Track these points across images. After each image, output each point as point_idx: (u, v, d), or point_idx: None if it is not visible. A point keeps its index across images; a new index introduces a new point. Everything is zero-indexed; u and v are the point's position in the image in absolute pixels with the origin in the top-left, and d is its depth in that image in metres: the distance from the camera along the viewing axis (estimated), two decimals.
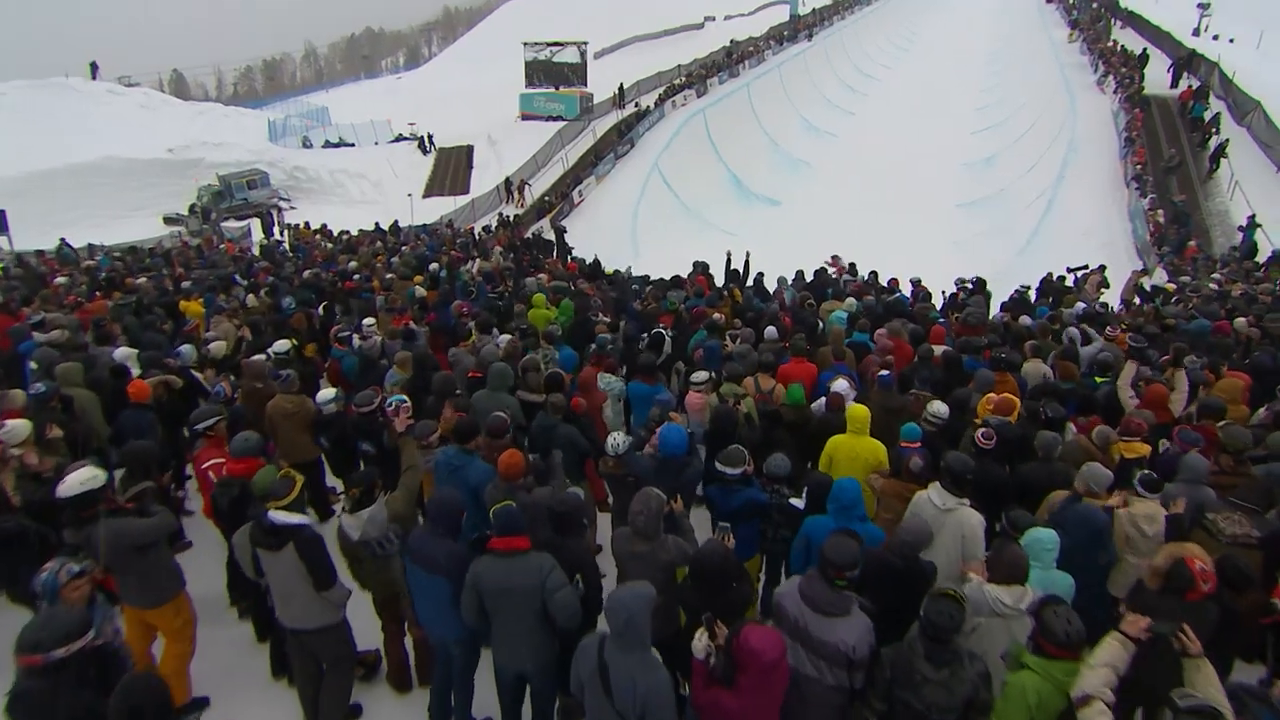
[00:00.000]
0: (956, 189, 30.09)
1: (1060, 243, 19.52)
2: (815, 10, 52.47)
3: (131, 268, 13.44)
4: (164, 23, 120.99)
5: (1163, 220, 17.34)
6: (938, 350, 6.86)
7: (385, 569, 3.70)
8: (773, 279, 13.33)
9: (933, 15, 63.07)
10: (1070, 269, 12.96)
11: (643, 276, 12.34)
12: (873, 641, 2.87)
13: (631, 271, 12.11)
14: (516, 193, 27.44)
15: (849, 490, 3.68)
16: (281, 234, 24.84)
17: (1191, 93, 22.62)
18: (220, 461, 4.30)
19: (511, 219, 24.46)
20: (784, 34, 46.24)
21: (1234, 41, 27.12)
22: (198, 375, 5.95)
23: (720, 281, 11.53)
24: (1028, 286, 13.14)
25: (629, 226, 26.56)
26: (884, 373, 5.67)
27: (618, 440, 4.33)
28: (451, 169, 32.68)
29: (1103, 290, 13.72)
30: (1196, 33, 31.05)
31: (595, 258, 12.71)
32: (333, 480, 5.93)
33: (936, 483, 3.92)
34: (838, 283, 10.91)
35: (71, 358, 5.96)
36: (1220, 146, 19.34)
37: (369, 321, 7.85)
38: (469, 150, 33.67)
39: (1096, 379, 6.43)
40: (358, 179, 32.94)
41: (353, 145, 36.44)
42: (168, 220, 27.22)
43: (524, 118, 34.95)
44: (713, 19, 57.28)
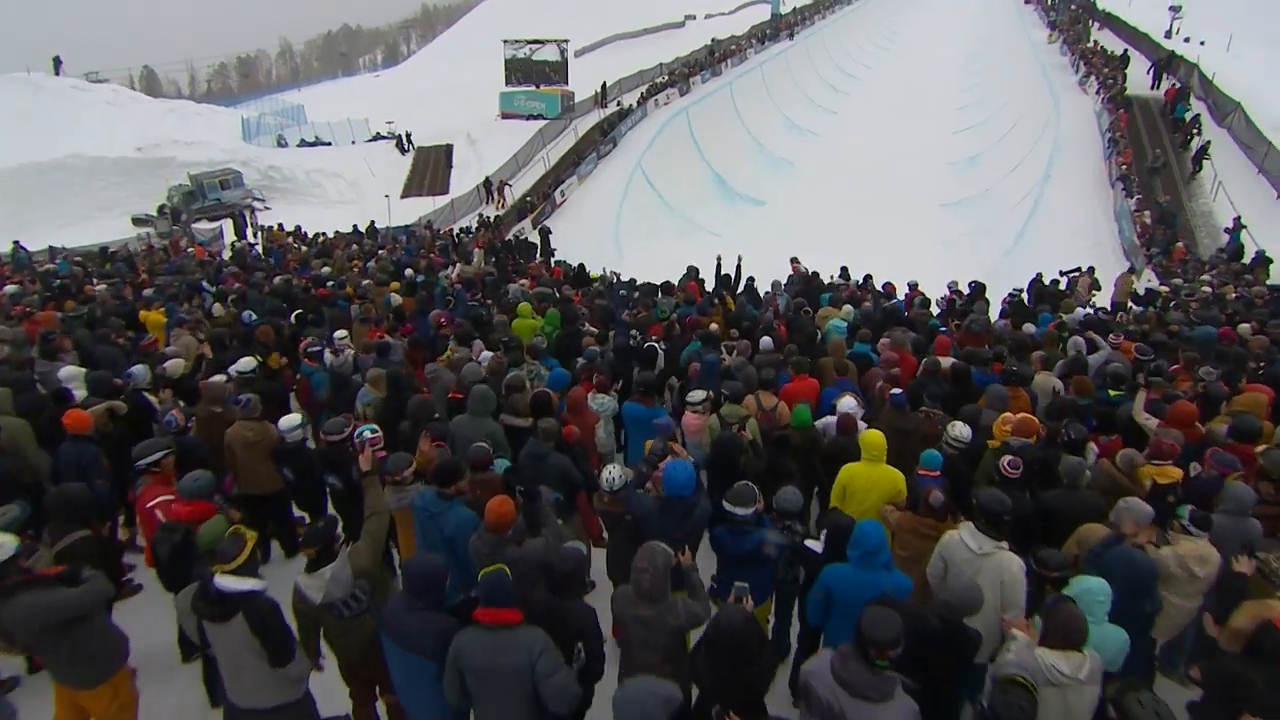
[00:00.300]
0: (940, 188, 30.05)
1: (1047, 243, 19.43)
2: (797, 9, 52.41)
3: (91, 274, 12.78)
4: (134, 17, 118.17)
5: (1149, 221, 17.26)
6: (944, 362, 6.54)
7: (354, 630, 3.25)
8: (761, 281, 12.99)
9: (912, 15, 63.38)
10: (1063, 272, 12.74)
11: (629, 281, 11.92)
12: None
13: (617, 276, 11.64)
14: (497, 193, 26.88)
15: (873, 535, 3.30)
16: (255, 236, 24.09)
17: (1174, 92, 22.66)
18: (169, 498, 3.82)
19: (493, 220, 23.90)
20: (766, 33, 46.05)
21: (1204, 44, 27.29)
22: (151, 398, 5.43)
23: (711, 286, 11.12)
24: (1020, 290, 12.95)
25: (612, 227, 26.14)
26: (896, 391, 5.31)
27: (613, 475, 3.92)
28: (430, 168, 32.03)
29: (1094, 293, 13.56)
30: (1169, 35, 31.27)
31: (580, 263, 12.23)
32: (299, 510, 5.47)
33: (969, 523, 3.56)
34: (835, 287, 10.54)
35: (8, 378, 5.42)
36: (1203, 147, 19.34)
37: (341, 334, 7.36)
38: (448, 149, 33.03)
39: (1110, 392, 6.14)
40: (334, 179, 32.19)
41: (329, 144, 35.66)
42: (136, 221, 26.32)
43: (504, 116, 34.37)
44: (693, 18, 57.20)
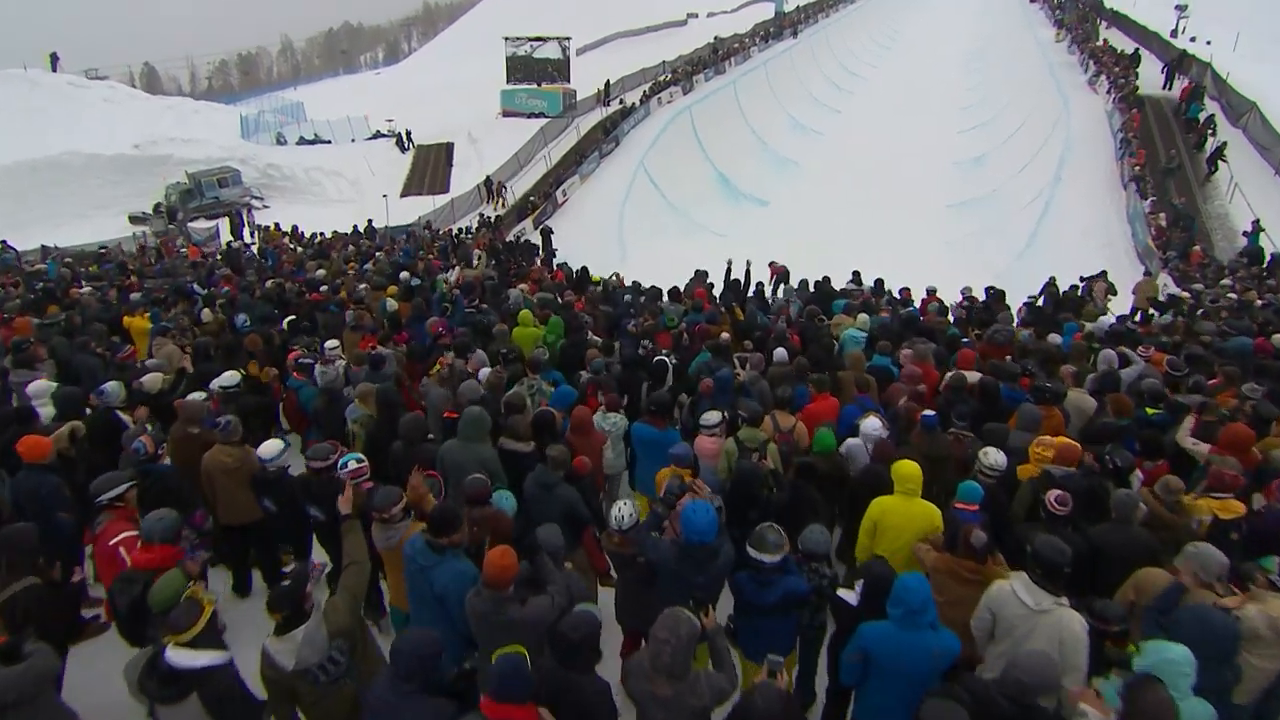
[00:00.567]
0: (947, 188, 29.64)
1: (1059, 246, 19.03)
2: (800, 7, 51.97)
3: (80, 275, 12.41)
4: (135, 15, 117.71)
5: (1164, 223, 16.87)
6: (970, 377, 6.16)
7: (332, 696, 2.89)
8: (768, 284, 12.53)
9: (913, 14, 62.93)
10: (1084, 278, 12.31)
11: (634, 285, 11.51)
12: None
13: (620, 278, 11.22)
14: (495, 194, 26.45)
15: (918, 592, 2.92)
16: (252, 235, 23.73)
17: (1189, 91, 22.24)
18: (133, 535, 3.44)
19: (493, 220, 23.51)
20: (770, 31, 45.62)
21: (1211, 44, 26.89)
22: (125, 417, 5.06)
23: (721, 291, 10.70)
24: (1035, 296, 12.53)
25: (615, 227, 25.76)
26: (929, 414, 4.91)
27: (623, 513, 3.55)
28: (430, 167, 31.65)
29: (1110, 298, 13.17)
30: (1174, 34, 30.87)
31: (583, 267, 11.82)
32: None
33: (1022, 574, 3.19)
34: (848, 293, 10.14)
35: None
36: (1219, 149, 18.93)
37: (332, 344, 6.97)
38: (448, 148, 32.65)
39: (1148, 410, 5.77)
40: (334, 177, 31.86)
41: (328, 142, 35.36)
42: (133, 219, 26.04)
43: (505, 114, 33.99)
44: (696, 16, 56.96)
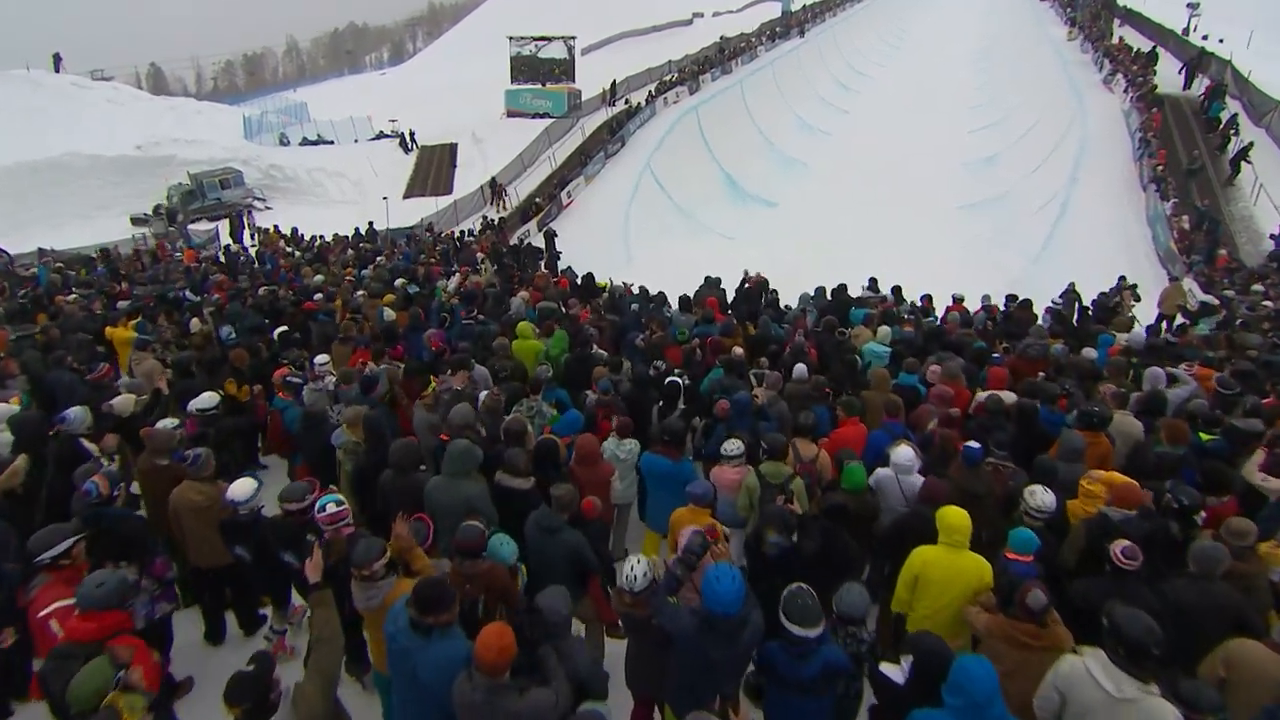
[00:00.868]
0: (957, 189, 29.10)
1: (1076, 249, 18.51)
2: (806, 7, 51.47)
3: (69, 281, 12.04)
4: (140, 16, 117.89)
5: (1187, 226, 16.34)
6: (1005, 398, 5.71)
7: None
8: (776, 287, 11.85)
9: (922, 13, 62.34)
10: (1127, 285, 11.73)
11: (641, 291, 11.03)
12: None
13: (627, 286, 10.74)
14: (496, 197, 25.98)
15: (983, 682, 2.47)
16: (252, 238, 23.39)
17: (1210, 90, 21.67)
18: (67, 604, 3.02)
19: (496, 222, 23.11)
20: (776, 30, 45.15)
21: (1223, 42, 26.33)
22: (91, 447, 4.65)
23: (733, 300, 10.19)
24: (1057, 301, 12.03)
25: (621, 229, 25.32)
26: (973, 445, 4.45)
27: (635, 572, 3.11)
28: (434, 168, 31.31)
29: (1134, 304, 12.68)
30: (1186, 32, 30.37)
31: (589, 273, 11.35)
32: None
33: (1098, 652, 2.74)
34: (865, 302, 9.66)
35: None
36: (1243, 149, 18.38)
37: (322, 359, 6.56)
38: (452, 148, 32.30)
39: (1201, 435, 5.30)
40: (336, 178, 31.60)
41: (332, 143, 35.09)
42: (135, 221, 25.84)
43: (510, 115, 33.62)
44: (701, 16, 56.68)
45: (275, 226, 21.98)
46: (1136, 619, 2.69)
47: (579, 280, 11.55)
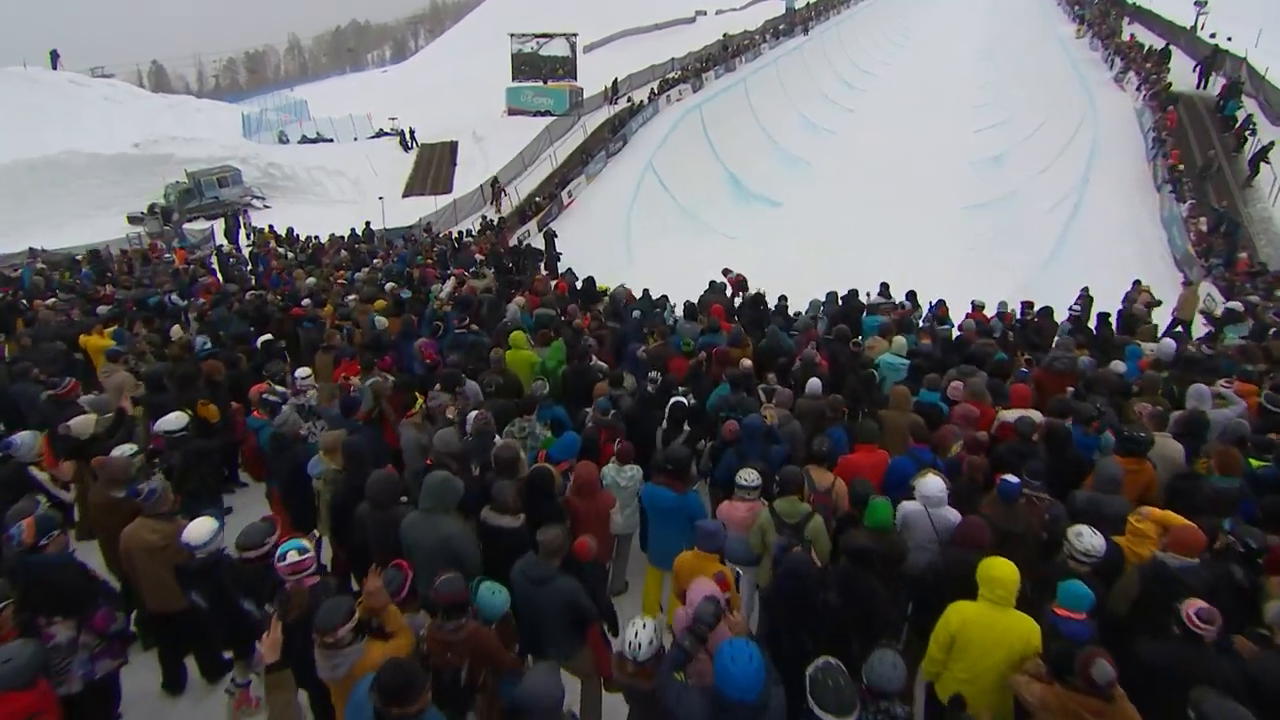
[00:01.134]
0: (963, 189, 28.66)
1: (1088, 252, 18.06)
2: (810, 4, 50.95)
3: (52, 284, 11.65)
4: (142, 13, 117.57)
5: (1205, 228, 15.87)
6: (1034, 416, 5.28)
7: None
8: (777, 290, 11.29)
9: (926, 10, 61.84)
10: (1144, 289, 11.26)
11: (644, 294, 10.59)
12: None
13: (628, 293, 10.31)
14: (494, 198, 25.49)
15: None
16: (248, 237, 23.02)
17: (1226, 88, 21.16)
18: None
19: (496, 222, 22.68)
20: (780, 28, 44.65)
21: (1231, 40, 25.82)
22: (41, 476, 4.25)
23: (738, 306, 9.73)
24: (1075, 307, 11.54)
25: (622, 229, 24.90)
26: (1009, 479, 4.02)
27: (639, 638, 2.71)
28: (434, 167, 30.91)
29: (1152, 309, 12.22)
30: (1192, 30, 29.83)
31: (589, 277, 10.91)
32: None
33: None
34: (876, 308, 9.19)
35: None
36: (1263, 149, 17.89)
37: (303, 373, 6.16)
38: (452, 146, 31.89)
39: (1252, 462, 4.88)
40: (336, 176, 31.27)
41: (331, 141, 34.72)
42: (132, 220, 25.62)
43: (511, 112, 33.20)
44: (704, 13, 56.22)
45: (270, 226, 21.59)
46: (1231, 714, 2.27)
47: (579, 284, 11.09)
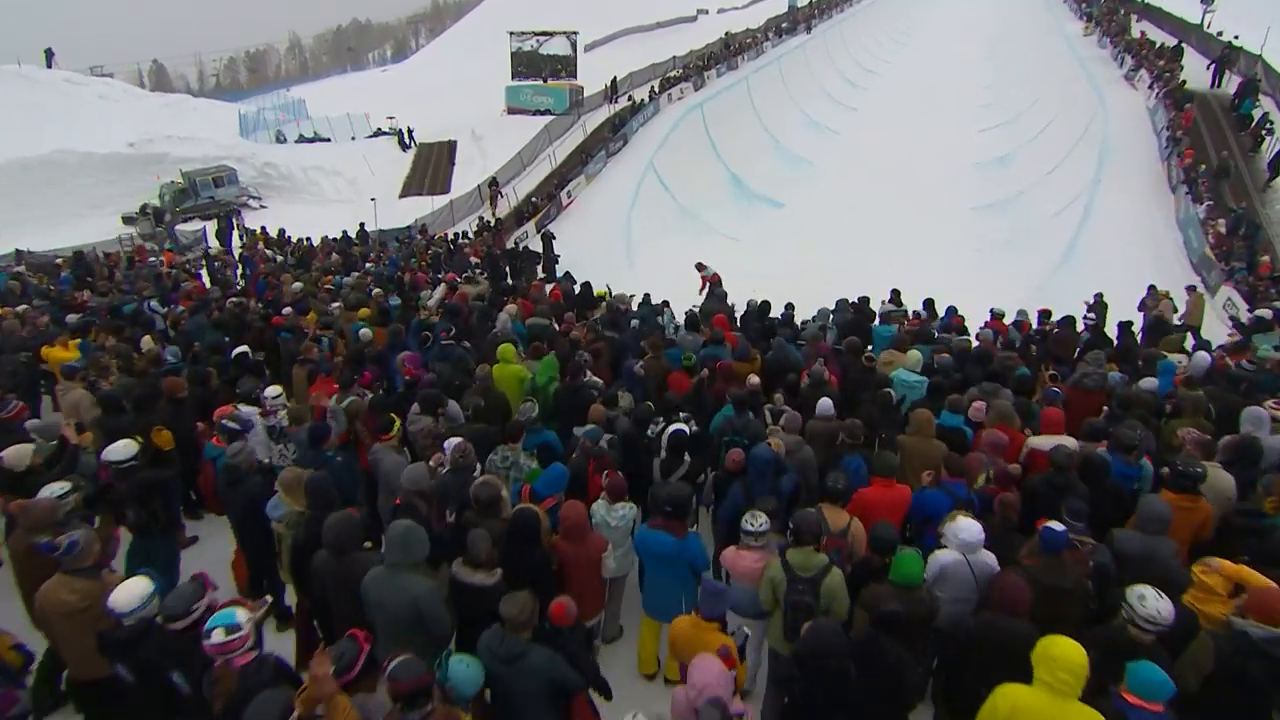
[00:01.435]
0: (969, 190, 28.17)
1: (1101, 256, 17.55)
2: (813, 2, 50.42)
3: (28, 290, 11.20)
4: (143, 12, 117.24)
5: (1224, 231, 15.37)
6: (1068, 444, 4.81)
7: None
8: (783, 294, 10.71)
9: (930, 8, 61.22)
10: (1163, 294, 10.74)
11: (644, 302, 10.11)
12: None
13: (625, 302, 9.82)
14: (490, 200, 24.94)
15: None
16: (241, 239, 22.60)
17: (1242, 86, 20.63)
18: None
19: (493, 224, 22.21)
20: (782, 26, 44.14)
21: (1239, 39, 25.29)
22: None
23: (742, 315, 9.20)
24: (1091, 316, 10.87)
25: (622, 230, 24.42)
26: (1054, 528, 3.53)
27: None
28: (432, 166, 30.50)
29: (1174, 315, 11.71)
30: (1203, 28, 29.29)
31: (586, 283, 10.39)
32: None
33: None
34: (889, 317, 8.67)
35: None
36: None
37: (272, 392, 5.69)
38: (451, 146, 31.47)
39: None
40: (332, 176, 30.92)
41: (328, 140, 34.33)
42: (126, 220, 25.27)
43: (510, 112, 32.75)
44: (706, 12, 55.73)
45: (263, 228, 21.13)
46: None
47: (576, 289, 10.58)
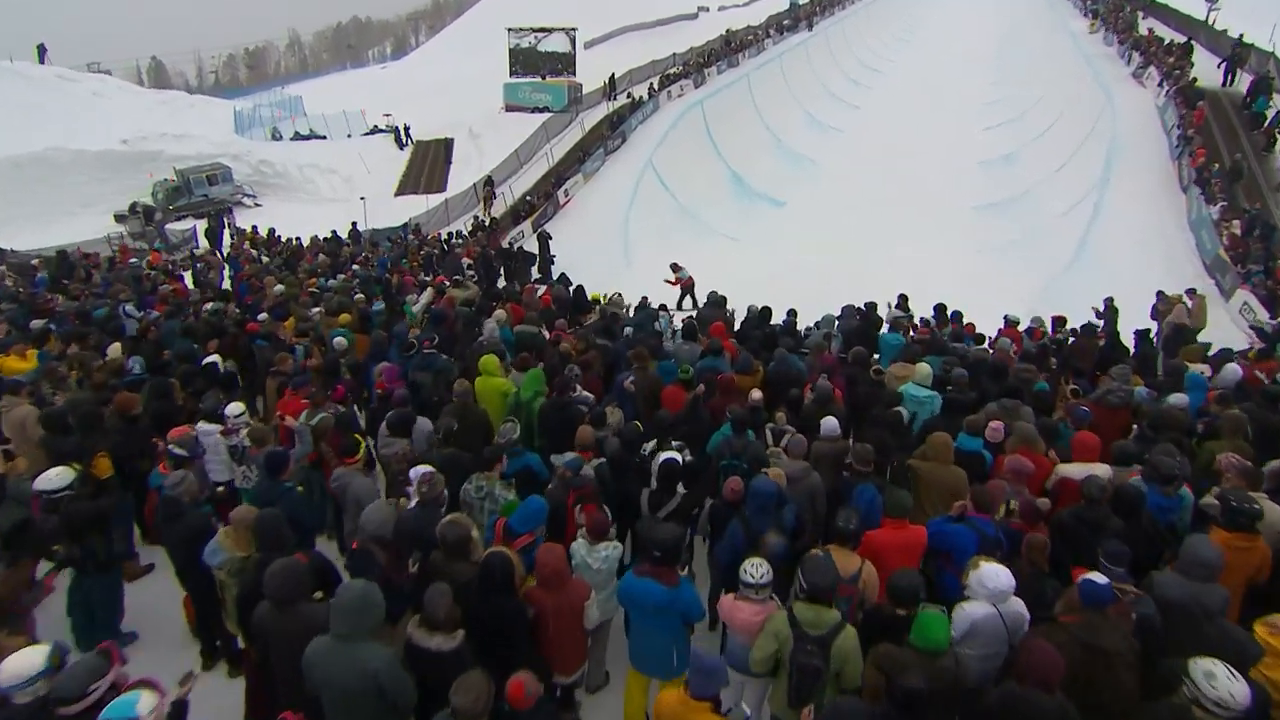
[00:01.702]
0: (974, 190, 27.76)
1: (1110, 257, 17.13)
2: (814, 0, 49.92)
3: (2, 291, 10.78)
4: (142, 9, 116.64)
5: (1239, 232, 14.92)
6: (1101, 473, 4.38)
7: None
8: (783, 293, 10.27)
9: (931, 7, 60.74)
10: (1177, 298, 10.30)
11: (641, 306, 9.67)
12: None
13: (623, 306, 9.36)
14: (484, 199, 24.41)
15: None
16: (233, 238, 22.18)
17: (1254, 84, 20.16)
18: None
19: (488, 223, 21.75)
20: (784, 23, 43.65)
21: (1244, 36, 24.83)
22: None
23: (741, 321, 8.76)
24: (1095, 324, 10.15)
25: (620, 230, 24.00)
26: (1096, 580, 3.09)
27: None
28: (428, 164, 30.05)
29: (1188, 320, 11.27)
30: (1210, 25, 28.84)
31: (579, 287, 9.92)
32: None
33: None
34: (897, 325, 8.21)
35: None
36: None
37: (235, 409, 5.26)
38: (448, 144, 31.01)
39: None
40: (328, 174, 30.49)
41: (324, 138, 33.86)
42: (119, 218, 24.90)
43: (508, 109, 32.27)
44: (706, 9, 55.17)
45: (253, 227, 20.69)
46: None
47: (570, 292, 10.12)
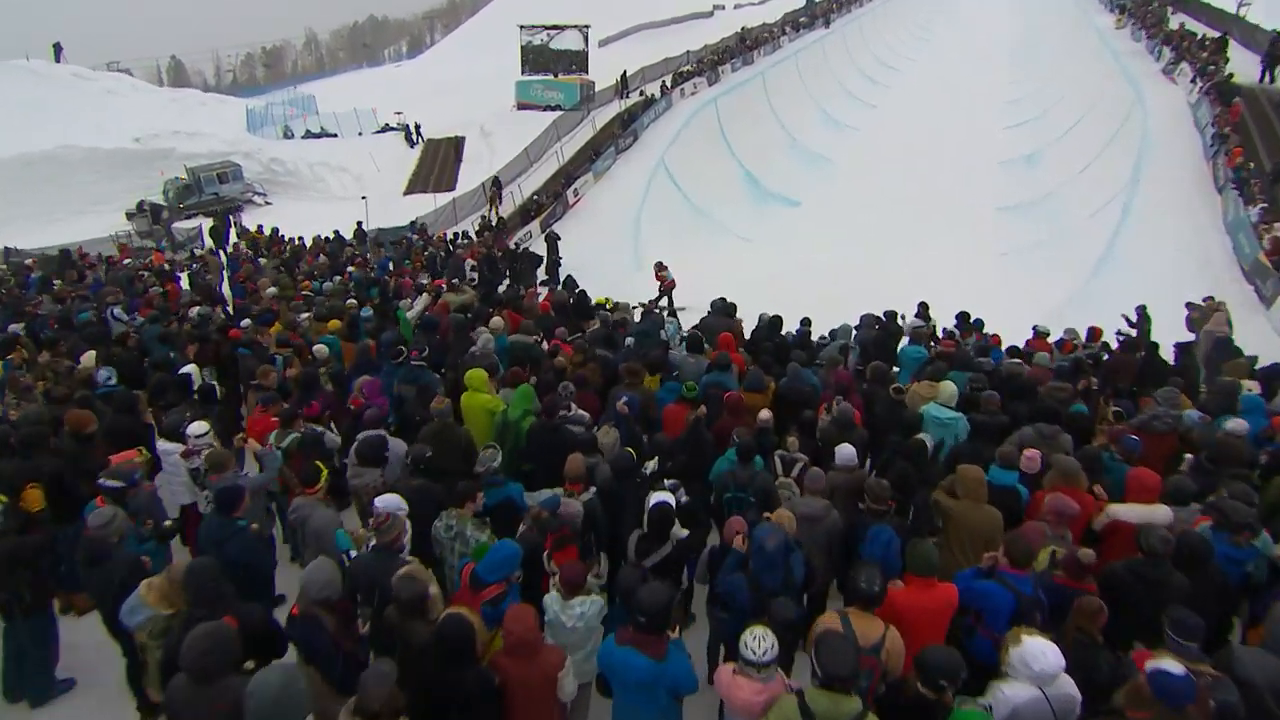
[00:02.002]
0: (995, 190, 26.99)
1: (1141, 262, 16.37)
2: None
3: None
4: (160, 8, 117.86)
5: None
6: (1162, 516, 3.84)
7: None
8: (796, 295, 9.84)
9: (951, 4, 59.57)
10: (1215, 305, 9.66)
11: (645, 313, 9.18)
12: None
13: (628, 309, 8.83)
14: (491, 199, 23.94)
15: None
16: (239, 238, 21.98)
17: None
18: None
19: (495, 223, 21.33)
20: (800, 21, 42.94)
21: (1276, 32, 23.89)
22: None
23: (751, 331, 8.21)
24: (1126, 333, 9.34)
25: (631, 231, 23.51)
26: (1172, 672, 2.53)
27: None
28: (439, 163, 29.74)
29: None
30: (1242, 20, 27.91)
31: (582, 292, 9.40)
32: None
33: None
34: (918, 335, 7.56)
35: None
36: None
37: (198, 430, 4.84)
38: (459, 142, 30.67)
39: None
40: (339, 172, 30.38)
41: (335, 136, 33.74)
42: (130, 215, 24.93)
43: (520, 107, 31.88)
44: (722, 8, 54.64)
45: (259, 227, 20.44)
46: None
47: (572, 298, 9.60)
